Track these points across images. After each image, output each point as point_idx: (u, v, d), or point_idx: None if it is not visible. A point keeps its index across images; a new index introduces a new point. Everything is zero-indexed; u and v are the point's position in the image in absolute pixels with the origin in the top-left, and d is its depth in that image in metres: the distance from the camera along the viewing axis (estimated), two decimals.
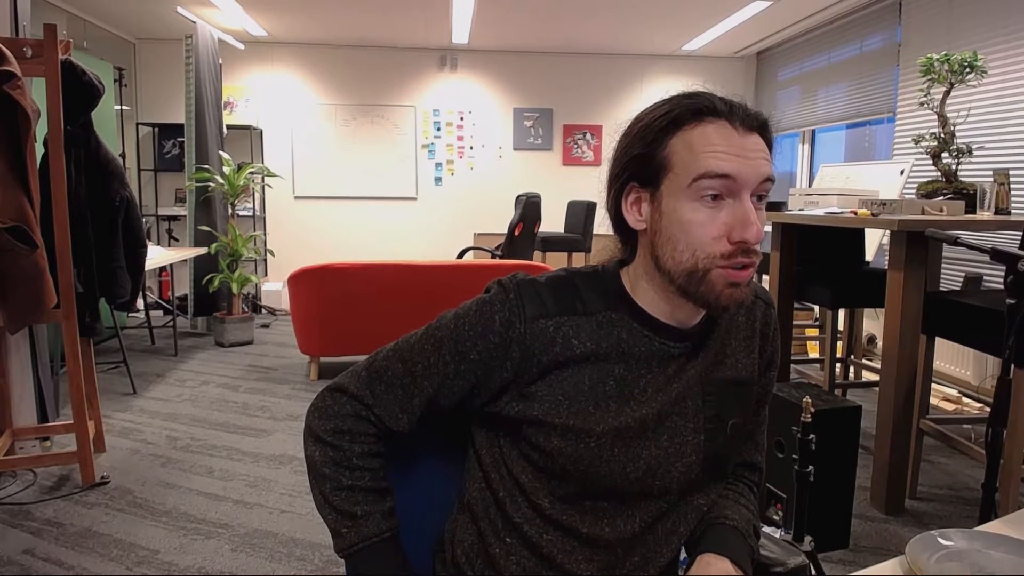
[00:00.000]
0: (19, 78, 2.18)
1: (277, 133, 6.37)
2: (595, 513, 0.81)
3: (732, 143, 0.73)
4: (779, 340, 0.94)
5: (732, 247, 0.73)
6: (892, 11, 4.49)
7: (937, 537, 0.81)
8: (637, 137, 0.78)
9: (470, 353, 0.79)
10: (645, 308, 0.81)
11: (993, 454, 1.36)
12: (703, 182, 0.72)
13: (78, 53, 4.38)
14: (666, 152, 0.75)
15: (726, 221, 0.73)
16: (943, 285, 3.40)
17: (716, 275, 0.74)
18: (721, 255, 0.74)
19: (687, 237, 0.74)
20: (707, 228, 0.74)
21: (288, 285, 3.88)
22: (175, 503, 2.41)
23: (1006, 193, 2.47)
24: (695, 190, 0.73)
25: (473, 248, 5.49)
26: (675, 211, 0.75)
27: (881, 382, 2.37)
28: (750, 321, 0.90)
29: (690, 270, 0.75)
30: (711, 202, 0.73)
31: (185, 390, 3.76)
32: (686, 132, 0.74)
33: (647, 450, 0.80)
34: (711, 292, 0.75)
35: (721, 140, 0.73)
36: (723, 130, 0.73)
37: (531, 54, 6.54)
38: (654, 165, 0.76)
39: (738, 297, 0.76)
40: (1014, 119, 3.46)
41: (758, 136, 0.75)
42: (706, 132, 0.73)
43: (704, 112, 0.74)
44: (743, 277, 0.75)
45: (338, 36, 6.05)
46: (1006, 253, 1.30)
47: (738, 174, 0.72)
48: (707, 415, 0.83)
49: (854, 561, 2.07)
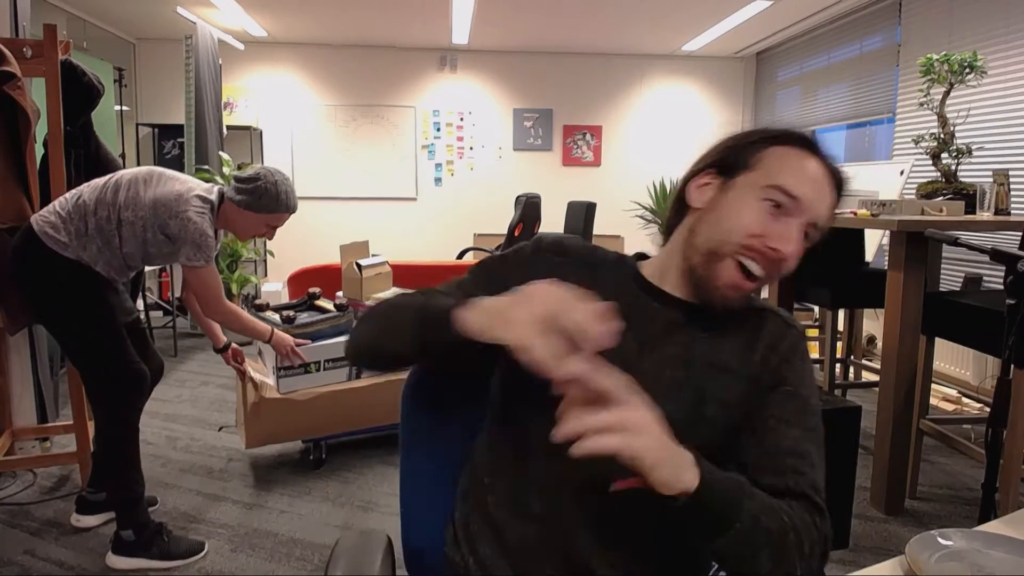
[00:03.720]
0: (19, 78, 2.18)
1: (277, 133, 6.37)
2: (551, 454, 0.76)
3: (815, 178, 0.83)
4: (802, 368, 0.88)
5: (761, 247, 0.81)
6: (892, 11, 4.49)
7: (937, 537, 0.81)
8: (745, 135, 0.89)
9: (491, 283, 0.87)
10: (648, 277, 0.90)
11: (993, 454, 1.36)
12: (774, 192, 0.82)
13: (78, 53, 4.38)
14: (759, 155, 0.85)
15: (772, 228, 0.81)
16: (943, 285, 3.40)
17: (727, 267, 0.82)
18: (745, 246, 0.81)
19: (732, 221, 0.83)
20: (753, 223, 0.82)
21: (288, 285, 3.88)
22: (175, 503, 2.41)
23: (1006, 193, 2.47)
24: (765, 192, 0.82)
25: (473, 248, 5.49)
26: (737, 200, 0.84)
27: (881, 382, 2.37)
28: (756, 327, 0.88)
29: (713, 249, 0.83)
30: (772, 208, 0.82)
31: (185, 390, 3.76)
32: (785, 149, 0.85)
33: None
34: (712, 280, 0.83)
35: (809, 171, 0.83)
36: (815, 165, 0.84)
37: (531, 54, 6.54)
38: (741, 160, 0.86)
39: (730, 299, 0.83)
40: (1014, 119, 3.46)
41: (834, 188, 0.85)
42: (802, 158, 0.84)
43: (809, 147, 0.85)
44: (744, 286, 0.83)
45: (338, 36, 6.05)
46: (1006, 253, 1.30)
47: (804, 200, 0.82)
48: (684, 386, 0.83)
49: (854, 561, 2.07)
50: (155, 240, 1.97)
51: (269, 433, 2.56)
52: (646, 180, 6.61)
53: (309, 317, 2.65)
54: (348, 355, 0.94)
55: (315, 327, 2.59)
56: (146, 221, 1.95)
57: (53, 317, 1.96)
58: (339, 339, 2.62)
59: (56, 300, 1.92)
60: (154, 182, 1.99)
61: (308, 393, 2.54)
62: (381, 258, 2.94)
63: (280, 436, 2.65)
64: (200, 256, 1.96)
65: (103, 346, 1.95)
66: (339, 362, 2.62)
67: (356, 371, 2.66)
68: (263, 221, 2.10)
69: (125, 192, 1.96)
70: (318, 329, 2.59)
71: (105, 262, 1.95)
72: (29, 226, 1.92)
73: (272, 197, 2.06)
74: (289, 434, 2.66)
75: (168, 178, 2.02)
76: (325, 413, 2.59)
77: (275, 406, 2.50)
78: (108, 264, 1.96)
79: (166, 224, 1.94)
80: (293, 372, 2.52)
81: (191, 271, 2.00)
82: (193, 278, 2.03)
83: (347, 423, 2.68)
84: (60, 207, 1.96)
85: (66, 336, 1.98)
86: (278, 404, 2.50)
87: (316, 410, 2.56)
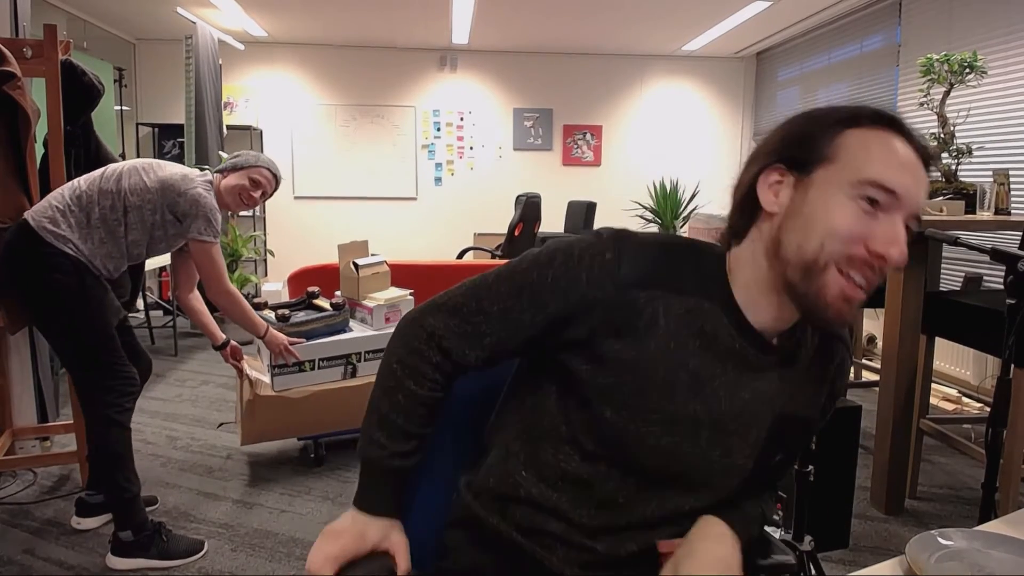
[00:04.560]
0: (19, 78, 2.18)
1: (277, 133, 6.37)
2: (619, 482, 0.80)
3: (910, 163, 0.71)
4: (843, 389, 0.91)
5: (867, 255, 0.70)
6: (892, 11, 4.49)
7: (937, 537, 0.81)
8: (808, 119, 0.76)
9: (548, 306, 0.77)
10: (740, 303, 0.78)
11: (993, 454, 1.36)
12: (867, 188, 0.70)
13: (78, 53, 4.38)
14: (835, 143, 0.72)
15: (874, 230, 0.70)
16: (943, 285, 3.40)
17: (833, 279, 0.71)
18: (849, 257, 0.70)
19: (826, 225, 0.71)
20: (852, 226, 0.70)
21: (288, 285, 3.88)
22: (175, 503, 2.41)
23: (1006, 193, 2.47)
24: (857, 189, 0.70)
25: (473, 248, 5.49)
26: (825, 200, 0.71)
27: (881, 382, 2.37)
28: (825, 362, 0.85)
29: (811, 262, 0.71)
30: (868, 206, 0.70)
31: (185, 390, 3.76)
32: (866, 131, 0.72)
33: (693, 451, 0.79)
34: (821, 296, 0.72)
35: (900, 156, 0.71)
36: (903, 149, 0.72)
37: (531, 54, 6.54)
38: (816, 151, 0.73)
39: (846, 315, 0.72)
40: (1014, 119, 3.46)
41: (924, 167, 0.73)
42: (889, 140, 0.72)
43: (889, 122, 0.73)
44: (858, 295, 0.72)
45: (338, 36, 6.05)
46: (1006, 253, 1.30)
47: (906, 194, 0.70)
48: (765, 447, 0.82)
49: (854, 561, 2.07)
50: (162, 223, 2.01)
51: (264, 431, 2.57)
52: (646, 180, 6.61)
53: (305, 316, 2.65)
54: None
55: (310, 326, 2.59)
56: (154, 204, 1.98)
57: (44, 314, 1.96)
58: (334, 338, 2.62)
59: (48, 297, 1.92)
60: (153, 169, 2.03)
61: (303, 391, 2.54)
62: (379, 258, 2.94)
63: (275, 434, 2.65)
64: (210, 231, 2.01)
65: (92, 346, 1.95)
66: (334, 361, 2.62)
67: (351, 370, 2.66)
68: (245, 175, 2.16)
69: (128, 179, 1.98)
70: (313, 328, 2.59)
71: (105, 254, 1.96)
72: (24, 222, 1.91)
73: (251, 156, 2.19)
74: (284, 432, 2.67)
75: (165, 164, 2.08)
76: (320, 411, 2.59)
77: (270, 404, 2.50)
78: (107, 256, 1.97)
79: (175, 203, 1.98)
80: (288, 370, 2.52)
81: (200, 247, 2.03)
82: (202, 255, 2.05)
83: (342, 421, 2.68)
84: (56, 201, 1.95)
85: (56, 334, 1.98)
86: (273, 402, 2.50)
87: (311, 408, 2.56)
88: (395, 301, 2.80)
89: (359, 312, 2.81)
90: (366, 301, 2.78)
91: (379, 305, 2.74)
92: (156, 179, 1.99)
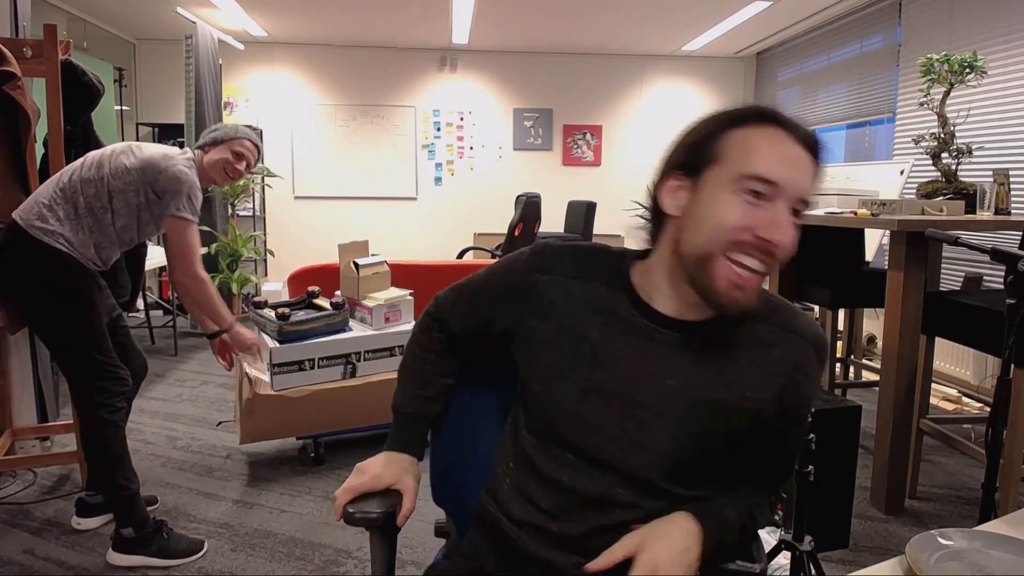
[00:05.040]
0: (19, 78, 2.18)
1: (277, 133, 6.37)
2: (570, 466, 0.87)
3: (786, 152, 0.77)
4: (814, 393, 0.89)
5: (753, 239, 0.76)
6: (892, 11, 4.49)
7: (937, 537, 0.81)
8: (699, 125, 0.82)
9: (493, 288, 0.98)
10: (645, 294, 0.87)
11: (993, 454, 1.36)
12: (748, 182, 0.76)
13: (78, 53, 4.38)
14: (719, 144, 0.79)
15: (758, 218, 0.76)
16: (943, 285, 3.40)
17: (722, 266, 0.77)
18: (736, 243, 0.76)
19: (713, 221, 0.78)
20: (737, 218, 0.76)
21: (288, 285, 3.88)
22: (175, 503, 2.41)
23: (1006, 193, 2.47)
24: (739, 184, 0.77)
25: (473, 248, 5.49)
26: (713, 199, 0.78)
27: (881, 382, 2.37)
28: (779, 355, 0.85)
29: (702, 254, 0.78)
30: (751, 198, 0.77)
31: (185, 390, 3.76)
32: (745, 130, 0.79)
33: (607, 422, 0.85)
34: (712, 283, 0.78)
35: (777, 147, 0.77)
36: (780, 138, 0.78)
37: (531, 54, 6.54)
38: (704, 154, 0.80)
39: (740, 300, 0.78)
40: (1014, 119, 3.46)
41: (809, 154, 0.79)
42: (765, 135, 0.78)
43: (766, 117, 0.79)
44: (745, 280, 0.77)
45: (338, 36, 6.05)
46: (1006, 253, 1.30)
47: (784, 183, 0.76)
48: (687, 429, 0.84)
49: (854, 561, 2.07)
50: (147, 203, 1.98)
51: (263, 429, 2.57)
52: (646, 180, 6.51)
53: (305, 315, 2.65)
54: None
55: (310, 325, 2.59)
56: (136, 185, 1.95)
57: (36, 314, 1.95)
58: (334, 337, 2.62)
59: (39, 297, 1.91)
60: (132, 151, 2.00)
61: (302, 390, 2.54)
62: (379, 257, 2.94)
63: (274, 433, 2.65)
64: (188, 208, 1.96)
65: (83, 345, 1.94)
66: (334, 360, 2.62)
67: (350, 369, 2.66)
68: (228, 148, 2.13)
69: (109, 164, 1.96)
70: (313, 327, 2.60)
71: (96, 244, 1.95)
72: (13, 221, 1.91)
73: (230, 129, 2.15)
74: (283, 431, 2.66)
75: (145, 145, 2.04)
76: (319, 410, 2.59)
77: (269, 403, 2.50)
78: (99, 246, 1.96)
79: (155, 180, 1.95)
80: (288, 369, 2.52)
81: (175, 224, 1.97)
82: (176, 233, 1.98)
83: (341, 421, 2.68)
84: (42, 197, 1.94)
85: (47, 333, 1.98)
86: (272, 401, 2.50)
87: (310, 407, 2.56)
88: (395, 301, 2.80)
89: (359, 312, 2.81)
90: (366, 301, 2.78)
91: (379, 305, 2.74)
92: (136, 160, 1.96)
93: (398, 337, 2.75)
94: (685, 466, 0.84)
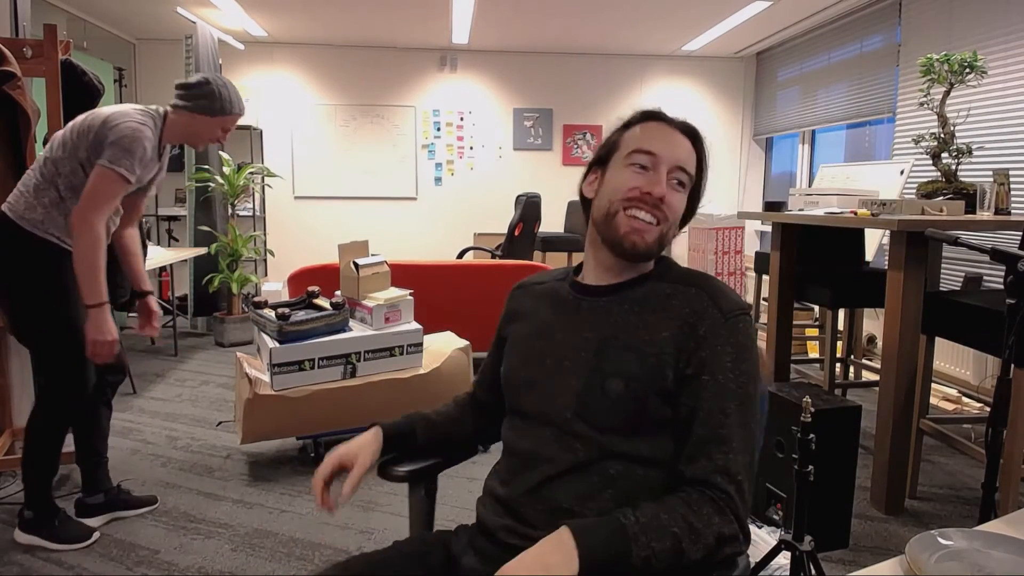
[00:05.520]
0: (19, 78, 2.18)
1: (277, 133, 6.37)
2: (516, 430, 1.04)
3: (662, 134, 1.01)
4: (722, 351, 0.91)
5: (640, 195, 0.97)
6: (892, 11, 4.49)
7: (937, 537, 0.81)
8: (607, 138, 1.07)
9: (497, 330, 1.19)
10: (581, 277, 1.08)
11: (993, 454, 1.36)
12: (634, 155, 1.00)
13: (78, 53, 4.38)
14: (618, 140, 1.04)
15: (643, 180, 0.98)
16: (943, 285, 3.40)
17: (621, 218, 0.98)
18: (628, 199, 0.98)
19: (612, 187, 1.01)
20: (627, 182, 0.99)
21: (288, 285, 3.88)
22: (175, 503, 2.41)
23: (1006, 193, 2.47)
24: (628, 160, 1.00)
25: (473, 248, 5.49)
26: (612, 176, 1.02)
27: (881, 382, 2.37)
28: (679, 305, 0.96)
29: (606, 212, 1.00)
30: (638, 170, 0.99)
31: (185, 390, 3.76)
32: (636, 126, 1.04)
33: (542, 380, 1.01)
34: (616, 233, 0.99)
35: (655, 130, 1.01)
36: (659, 125, 1.02)
37: (531, 54, 6.54)
38: (609, 150, 1.04)
39: (638, 243, 0.98)
40: (1014, 119, 3.46)
41: (688, 140, 1.02)
42: (648, 126, 1.03)
43: (650, 116, 1.04)
44: (640, 226, 0.97)
45: (338, 36, 6.05)
46: (1006, 253, 1.30)
47: (659, 152, 0.99)
48: (592, 367, 0.96)
49: (854, 561, 2.07)
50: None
51: (263, 430, 2.56)
52: None
53: (305, 315, 2.65)
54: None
55: (310, 325, 2.59)
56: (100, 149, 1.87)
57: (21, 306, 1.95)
58: (334, 337, 2.62)
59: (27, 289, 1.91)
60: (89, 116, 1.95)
61: (302, 390, 2.54)
62: (379, 257, 2.94)
63: (274, 433, 2.64)
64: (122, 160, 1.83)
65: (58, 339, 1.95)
66: (333, 360, 2.62)
67: (350, 369, 2.66)
68: (218, 124, 2.10)
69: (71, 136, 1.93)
70: (313, 327, 2.60)
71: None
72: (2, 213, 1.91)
73: (226, 100, 2.09)
74: (283, 431, 2.66)
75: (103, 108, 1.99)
76: (319, 411, 2.59)
77: (269, 403, 2.50)
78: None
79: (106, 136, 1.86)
80: (288, 369, 2.52)
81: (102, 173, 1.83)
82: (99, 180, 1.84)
83: (342, 421, 2.68)
84: (23, 186, 1.94)
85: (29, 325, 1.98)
86: (272, 401, 2.50)
87: (310, 407, 2.56)
88: (395, 301, 2.80)
89: (359, 312, 2.81)
90: (366, 301, 2.78)
91: (379, 305, 2.74)
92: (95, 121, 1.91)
93: (398, 337, 2.75)
94: (591, 404, 0.94)
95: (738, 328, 0.94)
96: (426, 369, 2.77)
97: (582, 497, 0.92)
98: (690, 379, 0.91)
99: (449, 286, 3.86)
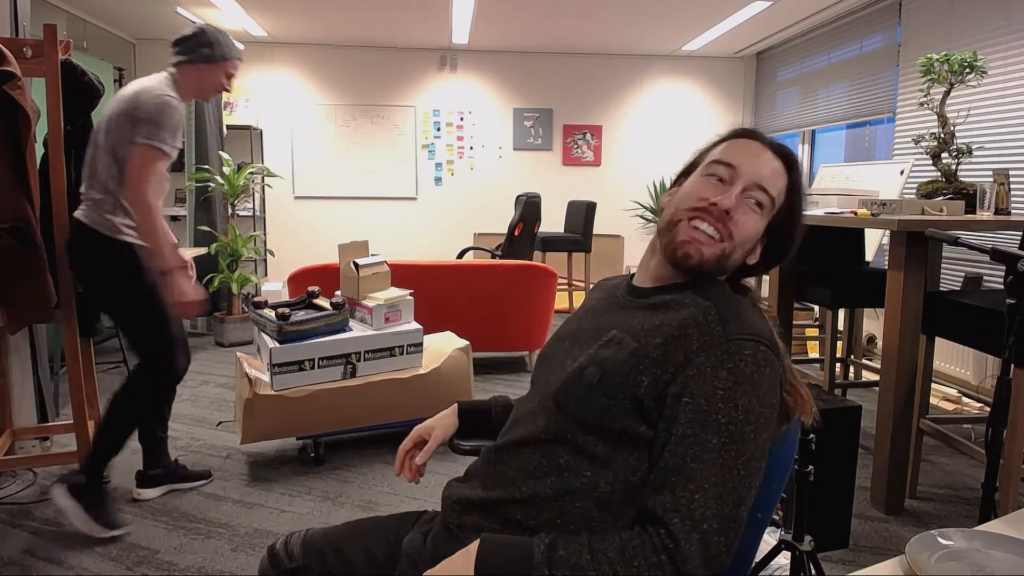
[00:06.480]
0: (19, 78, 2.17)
1: (277, 133, 6.37)
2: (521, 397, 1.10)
3: (748, 149, 0.97)
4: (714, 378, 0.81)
5: (707, 206, 0.93)
6: (892, 11, 4.49)
7: (937, 537, 0.81)
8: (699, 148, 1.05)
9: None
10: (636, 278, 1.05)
11: (993, 454, 1.36)
12: (713, 166, 0.97)
13: (78, 53, 4.38)
14: (706, 154, 1.01)
15: (715, 191, 0.94)
16: (943, 285, 3.40)
17: (682, 227, 0.94)
18: (695, 208, 0.94)
19: (681, 197, 0.98)
20: (699, 190, 0.96)
21: (288, 285, 3.88)
22: (175, 503, 2.41)
23: (1006, 193, 2.47)
24: (706, 170, 0.97)
25: (473, 248, 5.50)
26: (687, 186, 1.00)
27: (881, 382, 2.37)
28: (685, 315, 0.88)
29: (671, 219, 0.97)
30: (714, 182, 0.95)
31: (185, 390, 3.75)
32: (726, 142, 1.01)
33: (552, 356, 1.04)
34: (673, 240, 0.95)
35: (742, 145, 0.98)
36: (748, 141, 0.99)
37: (531, 54, 6.54)
38: (693, 163, 1.03)
39: (691, 252, 0.93)
40: (1014, 119, 3.46)
41: (779, 161, 0.97)
42: (737, 141, 0.99)
43: (743, 133, 1.01)
44: (697, 237, 0.93)
45: (338, 36, 6.05)
46: (1006, 253, 1.30)
47: (738, 166, 0.95)
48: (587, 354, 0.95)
49: (854, 561, 2.07)
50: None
51: (263, 430, 2.57)
52: (646, 180, 6.62)
53: (305, 315, 2.65)
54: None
55: (310, 325, 2.59)
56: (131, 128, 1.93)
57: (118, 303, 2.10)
58: (334, 337, 2.62)
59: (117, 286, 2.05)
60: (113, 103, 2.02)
61: (302, 391, 2.54)
62: (379, 257, 2.94)
63: (274, 433, 2.64)
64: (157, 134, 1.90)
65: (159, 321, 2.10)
66: (334, 360, 2.62)
67: (350, 369, 2.66)
68: (221, 71, 2.15)
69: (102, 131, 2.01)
70: (313, 327, 2.60)
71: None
72: (79, 222, 2.03)
73: (226, 45, 2.15)
74: (283, 431, 2.66)
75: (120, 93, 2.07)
76: (319, 411, 2.59)
77: (269, 403, 2.50)
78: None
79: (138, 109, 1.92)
80: (288, 369, 2.52)
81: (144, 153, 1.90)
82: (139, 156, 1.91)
83: (342, 421, 2.68)
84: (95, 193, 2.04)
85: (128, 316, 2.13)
86: (272, 401, 2.50)
87: (310, 407, 2.56)
88: (395, 301, 2.80)
89: (359, 312, 2.81)
90: (366, 301, 2.78)
91: (379, 305, 2.74)
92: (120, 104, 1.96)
93: (398, 337, 2.75)
94: (568, 387, 0.92)
95: (742, 354, 0.81)
96: (426, 369, 2.77)
97: (525, 473, 0.90)
98: (673, 399, 0.82)
99: (449, 286, 3.86)
